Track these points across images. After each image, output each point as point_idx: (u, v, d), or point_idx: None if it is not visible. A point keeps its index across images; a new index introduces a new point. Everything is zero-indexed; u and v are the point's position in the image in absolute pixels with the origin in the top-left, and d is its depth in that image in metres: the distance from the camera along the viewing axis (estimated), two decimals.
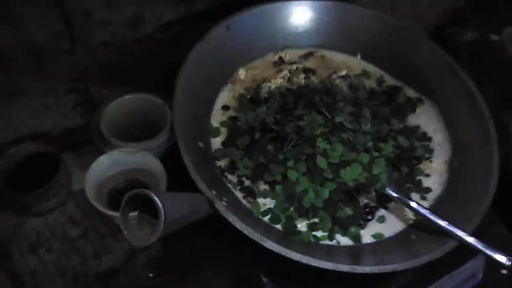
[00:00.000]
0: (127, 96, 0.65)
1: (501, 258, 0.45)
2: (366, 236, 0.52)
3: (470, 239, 0.47)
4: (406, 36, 0.65)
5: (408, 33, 0.65)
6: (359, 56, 0.67)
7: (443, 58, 0.62)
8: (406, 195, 0.52)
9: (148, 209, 0.38)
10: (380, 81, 0.65)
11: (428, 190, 0.56)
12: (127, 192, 0.62)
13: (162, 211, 0.35)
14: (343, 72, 0.64)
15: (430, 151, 0.59)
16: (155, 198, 0.35)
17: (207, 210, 0.44)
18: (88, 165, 0.59)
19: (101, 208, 0.56)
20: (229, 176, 0.53)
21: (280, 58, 0.65)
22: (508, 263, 0.45)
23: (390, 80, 0.65)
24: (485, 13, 0.94)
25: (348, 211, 0.53)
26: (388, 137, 0.58)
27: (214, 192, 0.46)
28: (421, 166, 0.58)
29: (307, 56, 0.66)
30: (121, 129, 0.66)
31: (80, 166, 0.65)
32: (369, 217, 0.53)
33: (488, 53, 0.91)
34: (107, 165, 0.61)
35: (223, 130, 0.57)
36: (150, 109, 0.66)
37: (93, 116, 0.63)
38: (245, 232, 0.44)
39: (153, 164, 0.60)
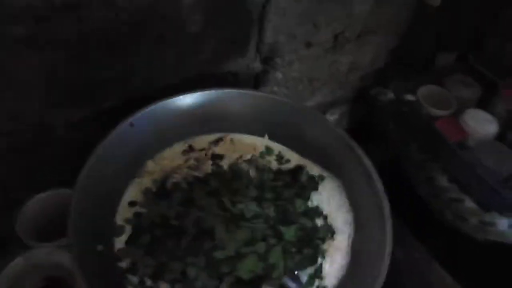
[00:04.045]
0: (41, 194, 0.66)
1: None
2: None
3: None
4: (303, 115, 0.67)
5: (305, 112, 0.67)
6: (266, 137, 0.69)
7: (339, 135, 0.64)
8: (300, 284, 0.53)
9: None
10: (280, 157, 0.67)
11: (328, 273, 0.57)
12: None
13: None
14: (249, 156, 0.66)
15: (333, 231, 0.61)
16: None
17: None
18: None
19: None
20: (130, 277, 0.53)
21: (190, 146, 0.66)
22: None
23: (295, 158, 0.68)
24: (401, 76, 1.01)
25: None
26: (291, 219, 0.60)
27: None
28: (325, 245, 0.59)
29: (217, 141, 0.68)
30: (41, 227, 0.67)
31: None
32: None
33: (408, 111, 0.96)
34: (23, 266, 0.62)
35: (128, 227, 0.58)
36: (67, 203, 0.67)
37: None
38: None
39: (68, 260, 0.61)
